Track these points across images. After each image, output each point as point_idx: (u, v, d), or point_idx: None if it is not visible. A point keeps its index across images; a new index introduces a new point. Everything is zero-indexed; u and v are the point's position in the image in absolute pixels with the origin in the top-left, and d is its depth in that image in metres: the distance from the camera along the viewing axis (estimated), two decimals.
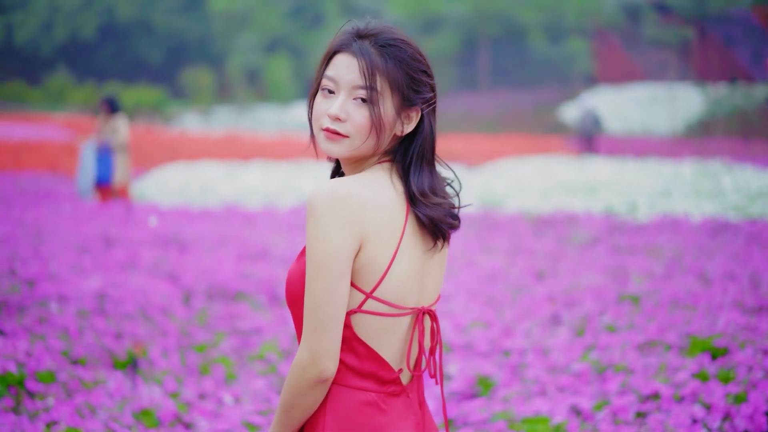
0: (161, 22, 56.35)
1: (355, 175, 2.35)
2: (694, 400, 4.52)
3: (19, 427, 4.26)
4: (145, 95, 45.69)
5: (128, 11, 55.57)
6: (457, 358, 5.89)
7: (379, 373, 2.34)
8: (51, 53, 55.69)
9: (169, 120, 43.40)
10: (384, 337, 2.33)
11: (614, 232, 11.63)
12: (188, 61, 55.10)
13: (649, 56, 43.93)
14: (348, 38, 2.36)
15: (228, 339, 6.85)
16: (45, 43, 55.40)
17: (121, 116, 13.17)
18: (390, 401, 2.35)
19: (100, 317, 6.84)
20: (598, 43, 45.57)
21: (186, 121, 42.72)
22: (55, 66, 53.45)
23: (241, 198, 15.75)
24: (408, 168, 2.37)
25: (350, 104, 2.31)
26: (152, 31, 56.83)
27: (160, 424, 4.74)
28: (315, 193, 2.24)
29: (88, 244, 10.15)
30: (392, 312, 2.32)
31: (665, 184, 15.86)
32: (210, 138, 30.71)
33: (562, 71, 45.40)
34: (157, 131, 34.76)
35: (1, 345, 5.61)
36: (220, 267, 9.13)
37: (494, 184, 16.69)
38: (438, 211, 2.36)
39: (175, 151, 24.98)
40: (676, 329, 5.79)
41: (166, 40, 57.37)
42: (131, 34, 56.89)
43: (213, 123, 41.80)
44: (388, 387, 2.36)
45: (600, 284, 7.74)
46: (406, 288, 2.34)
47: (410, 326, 2.38)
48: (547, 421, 4.59)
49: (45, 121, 33.98)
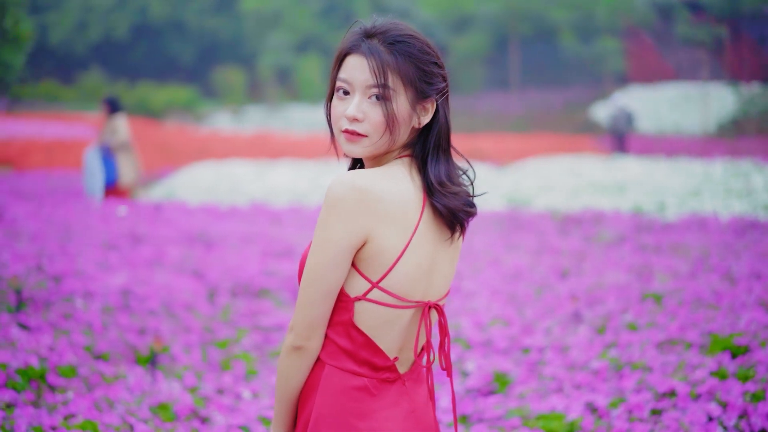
0: (194, 21, 56.66)
1: (375, 168, 2.39)
2: (711, 398, 4.50)
3: (37, 419, 4.31)
4: (176, 94, 45.93)
5: (161, 11, 55.92)
6: (475, 355, 5.90)
7: (373, 360, 2.39)
8: (84, 53, 56.15)
9: (200, 119, 43.63)
10: (384, 328, 2.38)
11: (641, 231, 11.58)
12: (220, 60, 55.36)
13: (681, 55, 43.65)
14: (356, 39, 2.40)
15: (250, 335, 6.89)
16: (78, 42, 55.86)
17: (120, 116, 13.18)
18: (382, 387, 2.40)
19: (125, 313, 6.91)
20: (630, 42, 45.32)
21: (217, 121, 42.94)
22: (89, 65, 53.87)
23: (269, 196, 15.82)
24: (425, 158, 2.42)
25: (366, 103, 2.36)
26: (185, 31, 57.15)
27: (177, 418, 4.78)
28: (334, 181, 2.30)
29: (116, 241, 10.24)
30: (396, 304, 2.36)
31: (695, 183, 15.76)
32: (241, 137, 30.84)
33: (594, 70, 45.20)
34: (188, 130, 34.98)
35: (25, 340, 5.68)
36: (245, 264, 9.18)
37: (522, 183, 16.67)
38: (455, 200, 2.40)
39: (205, 150, 25.12)
40: (698, 328, 5.76)
41: (198, 40, 57.67)
42: (164, 34, 57.25)
43: (244, 122, 41.99)
44: (382, 373, 2.40)
45: (624, 283, 7.71)
46: (413, 281, 2.37)
47: (413, 319, 2.41)
48: (561, 418, 4.59)
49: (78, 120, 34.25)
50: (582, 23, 46.06)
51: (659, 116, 36.15)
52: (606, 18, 44.47)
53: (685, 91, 38.52)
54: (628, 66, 44.91)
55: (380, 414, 2.37)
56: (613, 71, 44.03)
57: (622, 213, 13.21)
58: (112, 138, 12.99)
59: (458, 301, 7.51)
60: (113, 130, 12.97)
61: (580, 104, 41.51)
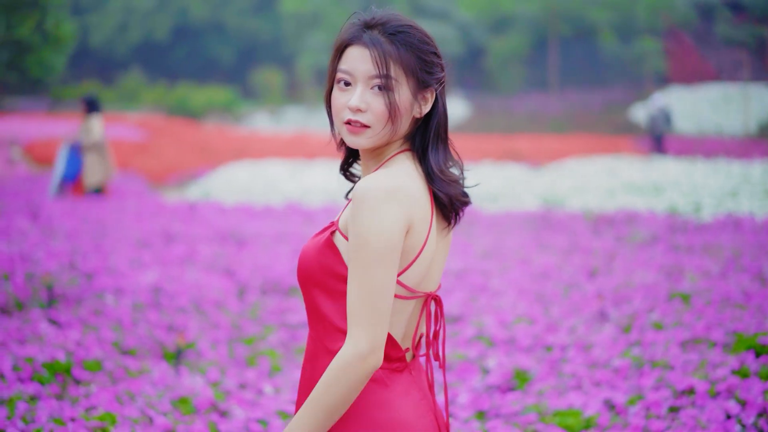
0: (233, 22, 56.96)
1: (387, 169, 2.40)
2: (730, 396, 4.48)
3: (58, 411, 4.38)
4: (216, 95, 46.19)
5: (201, 12, 56.27)
6: (498, 353, 5.91)
7: (389, 351, 2.40)
8: (125, 54, 56.64)
9: (239, 120, 43.85)
10: (394, 318, 2.39)
11: (675, 231, 11.51)
12: (259, 61, 55.62)
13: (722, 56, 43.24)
14: (357, 30, 2.41)
15: (277, 332, 6.94)
16: (119, 44, 56.36)
17: (95, 116, 13.27)
18: (394, 377, 2.42)
19: (154, 310, 6.99)
20: (670, 43, 44.94)
21: (256, 121, 43.14)
22: (129, 66, 54.33)
23: (304, 196, 15.89)
24: (426, 147, 2.43)
25: (368, 94, 2.37)
26: (224, 32, 57.47)
27: (196, 411, 4.84)
28: (366, 188, 2.29)
29: (149, 239, 10.35)
30: (406, 295, 2.39)
31: (733, 184, 15.63)
32: (279, 137, 30.96)
33: (633, 71, 44.89)
34: (227, 131, 35.17)
35: (53, 335, 5.77)
36: (275, 263, 9.24)
37: (557, 184, 16.62)
38: (454, 188, 2.43)
39: (243, 150, 25.25)
40: (723, 327, 5.73)
41: (237, 41, 57.98)
42: (204, 35, 57.61)
43: (283, 122, 42.15)
44: (393, 364, 2.42)
45: (652, 282, 7.67)
46: (423, 273, 2.40)
47: (415, 309, 2.43)
48: (578, 415, 4.59)
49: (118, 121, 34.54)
50: (622, 23, 45.76)
51: (699, 117, 35.82)
52: (646, 18, 44.15)
53: (726, 91, 38.13)
54: (669, 66, 44.54)
55: (395, 404, 2.39)
56: (653, 72, 43.69)
57: (656, 213, 13.13)
58: (85, 137, 13.09)
59: (484, 299, 7.51)
60: (87, 129, 13.07)
61: (620, 105, 41.23)
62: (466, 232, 11.60)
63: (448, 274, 8.56)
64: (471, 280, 8.35)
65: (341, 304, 2.37)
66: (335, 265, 2.37)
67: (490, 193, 15.64)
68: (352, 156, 2.61)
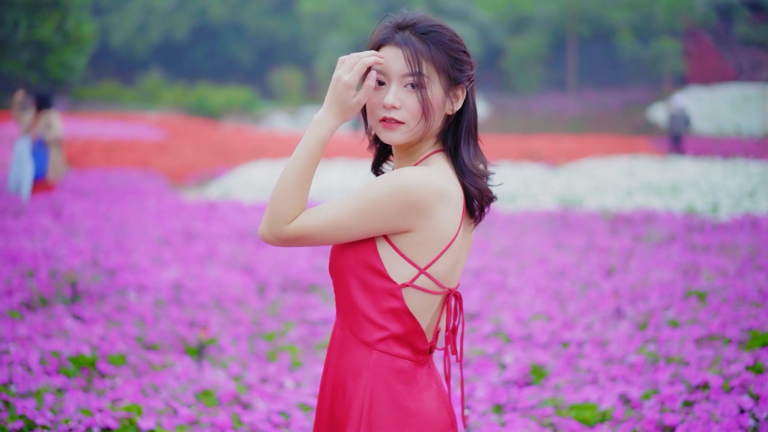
0: (252, 23, 57.17)
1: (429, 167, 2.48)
2: (744, 390, 4.54)
3: (85, 402, 4.49)
4: (235, 95, 46.38)
5: (220, 13, 56.51)
6: (515, 349, 5.98)
7: (417, 343, 2.49)
8: (145, 54, 56.94)
9: (258, 120, 44.03)
10: (424, 313, 2.47)
11: (692, 231, 11.53)
12: (278, 61, 55.81)
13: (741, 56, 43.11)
14: (389, 31, 2.51)
15: (297, 328, 7.03)
16: (139, 44, 56.67)
17: (53, 112, 13.30)
18: (417, 369, 2.51)
19: (176, 306, 7.09)
20: (690, 43, 44.82)
21: (275, 121, 43.29)
22: (149, 67, 54.63)
23: (322, 195, 15.98)
24: (458, 143, 2.52)
25: (402, 92, 2.46)
26: (243, 33, 57.68)
27: (219, 403, 4.93)
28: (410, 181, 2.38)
29: (170, 237, 10.46)
30: (436, 290, 2.46)
31: (751, 184, 15.63)
32: (298, 137, 31.08)
33: (652, 71, 44.79)
34: (246, 131, 35.32)
35: (78, 330, 5.88)
36: (294, 260, 9.33)
37: (575, 184, 16.65)
38: (483, 183, 2.51)
39: (262, 150, 25.38)
40: (739, 324, 5.79)
41: (256, 41, 58.18)
42: (223, 35, 57.84)
43: (301, 123, 42.28)
44: (419, 356, 2.51)
45: (669, 281, 7.72)
46: (452, 269, 2.48)
47: (440, 305, 2.51)
48: (594, 408, 4.66)
49: (138, 120, 34.76)
50: (641, 24, 45.68)
51: (719, 117, 35.76)
52: (665, 18, 44.05)
53: (745, 92, 38.04)
54: (688, 67, 44.42)
55: (421, 395, 2.48)
56: (672, 72, 43.61)
57: (674, 213, 13.16)
58: (47, 132, 13.10)
59: (502, 297, 7.58)
60: (48, 125, 13.05)
61: (639, 105, 41.19)
62: (484, 231, 11.67)
63: (466, 272, 8.64)
64: (489, 278, 8.42)
65: (374, 296, 2.44)
66: (371, 258, 2.44)
67: (509, 193, 15.70)
68: (383, 155, 2.69)
